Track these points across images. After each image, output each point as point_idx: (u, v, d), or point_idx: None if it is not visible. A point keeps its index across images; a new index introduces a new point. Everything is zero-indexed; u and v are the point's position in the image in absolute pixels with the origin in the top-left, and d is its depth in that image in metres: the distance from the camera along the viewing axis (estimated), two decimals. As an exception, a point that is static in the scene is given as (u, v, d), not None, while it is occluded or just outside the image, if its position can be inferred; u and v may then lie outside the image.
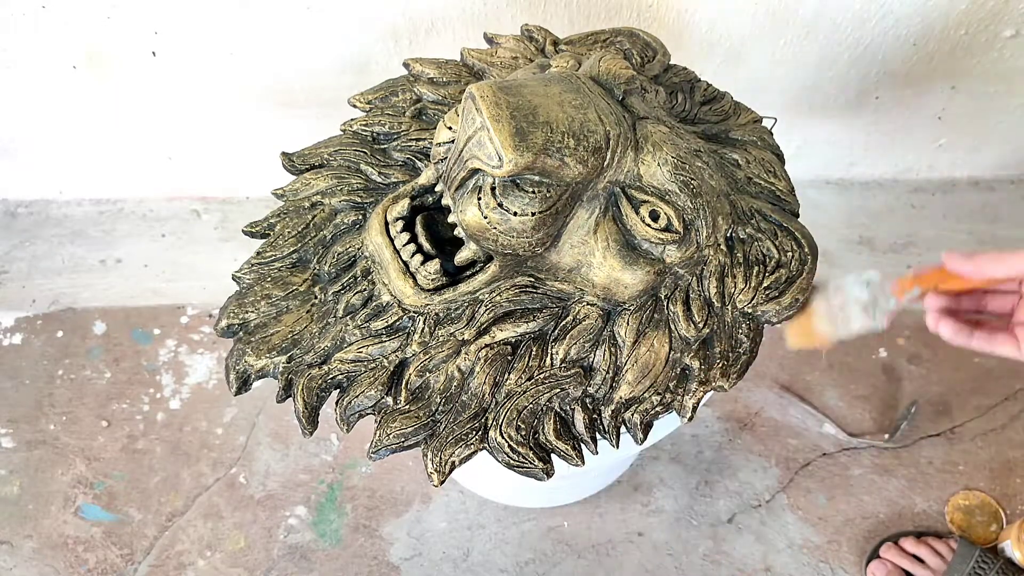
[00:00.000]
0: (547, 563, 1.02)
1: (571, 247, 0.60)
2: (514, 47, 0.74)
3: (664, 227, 0.59)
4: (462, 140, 0.54)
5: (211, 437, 1.11)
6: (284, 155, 0.71)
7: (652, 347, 0.62)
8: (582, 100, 0.56)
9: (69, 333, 1.19)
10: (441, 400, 0.63)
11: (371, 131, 0.71)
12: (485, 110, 0.52)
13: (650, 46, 0.74)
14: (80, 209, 1.30)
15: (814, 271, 0.65)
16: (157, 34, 1.01)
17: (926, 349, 1.16)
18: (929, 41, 1.05)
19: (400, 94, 0.72)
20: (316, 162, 0.70)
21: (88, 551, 1.03)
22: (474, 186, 0.55)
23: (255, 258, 0.67)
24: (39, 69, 1.06)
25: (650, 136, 0.59)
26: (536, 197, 0.55)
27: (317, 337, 0.64)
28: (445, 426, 0.62)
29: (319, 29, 0.99)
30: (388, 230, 0.62)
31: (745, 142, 0.70)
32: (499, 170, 0.52)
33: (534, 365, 0.62)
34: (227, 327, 0.65)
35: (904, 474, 1.08)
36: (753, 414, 1.13)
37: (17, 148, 1.20)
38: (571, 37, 0.74)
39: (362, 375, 0.63)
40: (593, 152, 0.55)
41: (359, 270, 0.64)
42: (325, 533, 1.04)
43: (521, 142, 0.52)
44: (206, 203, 1.29)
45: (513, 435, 0.62)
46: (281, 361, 0.64)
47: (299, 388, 0.63)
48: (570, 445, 0.63)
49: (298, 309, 0.65)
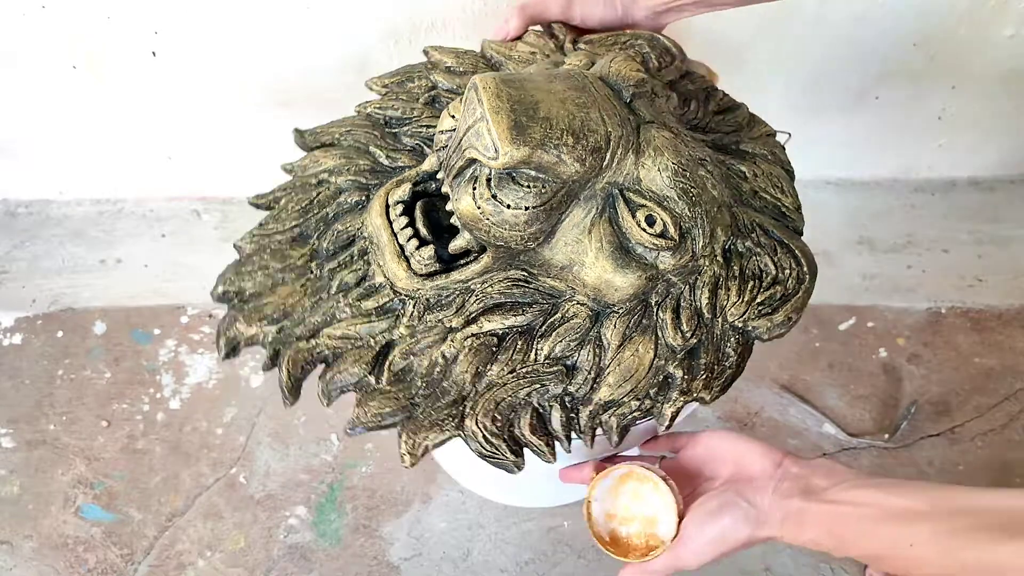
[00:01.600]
0: (547, 563, 1.02)
1: (565, 245, 0.60)
2: (534, 42, 0.74)
3: (660, 233, 0.59)
4: (462, 129, 0.54)
5: (211, 437, 1.11)
6: (297, 131, 0.72)
7: (637, 352, 0.62)
8: (586, 99, 0.56)
9: (69, 333, 1.19)
10: (422, 384, 0.63)
11: (384, 115, 0.71)
12: (486, 101, 0.52)
13: (669, 51, 0.73)
14: (80, 209, 1.30)
15: (811, 291, 0.64)
16: (157, 34, 1.01)
17: (926, 349, 1.16)
18: (929, 41, 1.05)
19: (416, 80, 0.73)
20: (327, 140, 0.72)
21: (88, 551, 1.03)
22: (471, 176, 0.56)
23: (257, 229, 0.68)
24: (39, 69, 1.06)
25: (652, 140, 0.59)
26: (531, 192, 0.55)
27: (308, 311, 0.65)
28: (423, 410, 0.63)
29: (319, 29, 0.99)
30: (388, 213, 0.63)
31: (755, 155, 0.69)
32: (494, 162, 0.53)
33: (518, 359, 0.63)
34: (223, 293, 0.67)
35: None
36: (753, 414, 1.12)
37: (17, 148, 1.20)
38: (591, 36, 0.74)
39: (348, 352, 0.64)
40: (592, 151, 0.55)
41: (356, 249, 0.65)
42: (325, 533, 1.04)
43: (518, 135, 0.52)
44: (206, 203, 1.29)
45: (488, 425, 0.62)
46: (271, 331, 0.65)
47: (285, 359, 0.64)
48: (544, 441, 0.63)
49: (293, 282, 0.66)
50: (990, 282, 1.23)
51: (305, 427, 1.11)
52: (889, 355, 1.17)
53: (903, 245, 1.26)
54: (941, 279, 1.23)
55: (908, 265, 1.24)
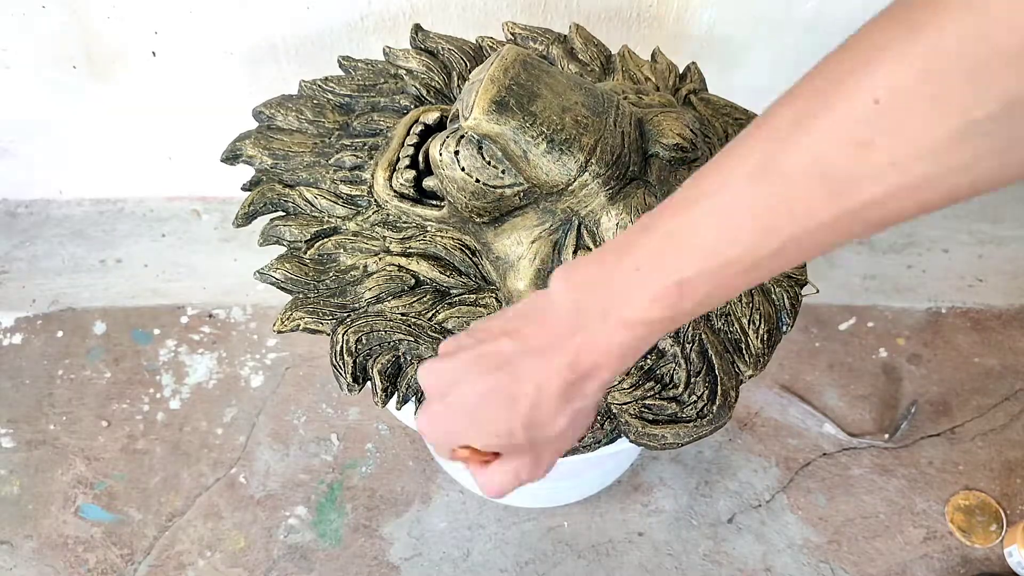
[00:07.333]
0: (547, 563, 1.02)
1: (508, 238, 0.60)
2: (663, 70, 0.75)
3: None
4: (472, 79, 0.55)
5: (211, 437, 1.11)
6: (417, 26, 0.77)
7: None
8: (593, 123, 0.55)
9: (69, 333, 1.19)
10: (334, 276, 0.67)
11: None
12: (493, 68, 0.53)
13: None
14: (80, 209, 1.30)
15: (703, 435, 0.61)
16: (157, 34, 1.01)
17: (926, 349, 1.16)
18: (929, 41, 1.05)
19: (538, 44, 0.76)
20: (432, 47, 0.76)
21: (88, 551, 1.03)
22: (456, 125, 0.57)
23: (322, 80, 0.74)
24: (39, 69, 1.06)
25: (631, 197, 0.57)
26: (488, 169, 0.56)
27: (302, 166, 0.70)
28: (318, 296, 0.67)
29: (319, 29, 0.99)
30: (411, 129, 0.66)
31: (760, 286, 0.64)
32: (463, 121, 0.54)
33: (416, 308, 0.64)
34: (259, 112, 0.74)
35: (904, 474, 1.08)
36: (753, 414, 1.12)
37: (17, 148, 1.20)
38: (714, 100, 0.72)
39: (303, 215, 0.69)
40: (557, 170, 0.55)
41: (372, 143, 0.69)
42: (325, 533, 1.04)
43: (494, 111, 0.53)
44: (206, 203, 1.28)
45: (351, 341, 0.64)
46: (267, 162, 0.71)
47: (259, 190, 0.70)
48: (383, 387, 0.65)
49: (310, 137, 0.71)
50: (990, 282, 1.23)
51: (305, 427, 1.11)
52: (889, 355, 1.17)
53: (903, 245, 1.26)
54: (941, 279, 1.23)
55: (908, 265, 1.24)
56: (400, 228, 0.66)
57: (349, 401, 1.13)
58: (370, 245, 0.66)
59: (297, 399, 1.13)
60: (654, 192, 0.58)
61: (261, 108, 0.73)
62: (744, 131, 0.37)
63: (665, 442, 0.61)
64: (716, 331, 0.63)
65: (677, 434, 0.61)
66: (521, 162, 0.55)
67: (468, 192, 0.57)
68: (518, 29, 0.77)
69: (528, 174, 0.55)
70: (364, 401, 1.12)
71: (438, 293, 0.65)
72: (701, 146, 0.62)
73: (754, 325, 0.63)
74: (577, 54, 0.76)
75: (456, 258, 0.64)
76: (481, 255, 0.64)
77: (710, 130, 0.67)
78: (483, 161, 0.56)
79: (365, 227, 0.67)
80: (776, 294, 0.65)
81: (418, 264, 0.64)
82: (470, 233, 0.63)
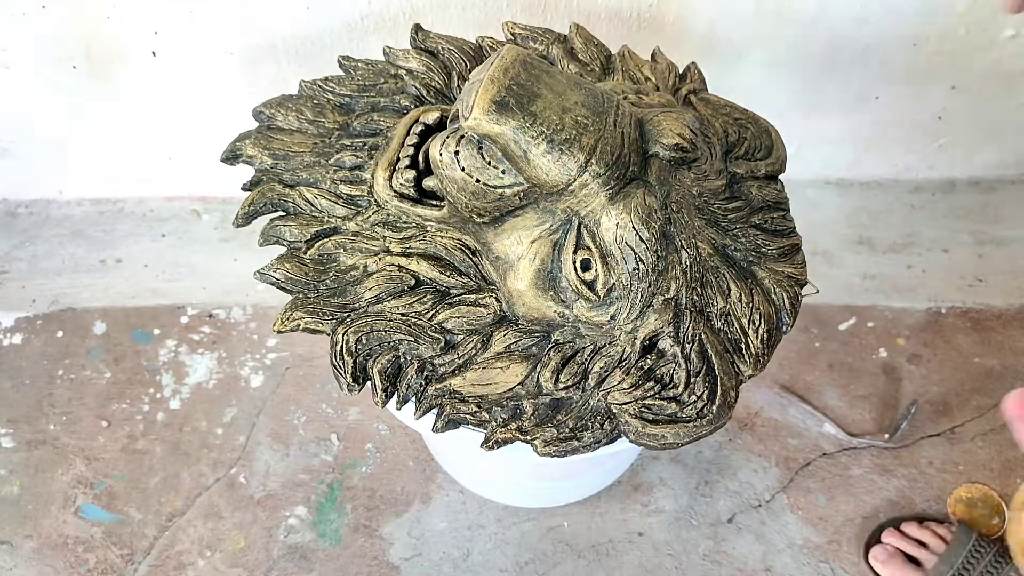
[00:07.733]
0: (547, 563, 1.02)
1: (508, 238, 0.60)
2: (663, 70, 0.74)
3: (588, 282, 0.58)
4: (472, 79, 0.55)
5: (211, 437, 1.11)
6: (417, 26, 0.76)
7: (507, 368, 0.63)
8: (593, 123, 0.54)
9: (69, 333, 1.19)
10: (334, 276, 0.67)
11: None
12: (493, 67, 0.53)
13: (768, 145, 0.69)
14: (80, 209, 1.30)
15: (703, 434, 0.61)
16: (157, 34, 1.01)
17: (926, 349, 1.16)
18: (929, 41, 1.05)
19: (538, 44, 0.76)
20: (432, 47, 0.75)
21: (88, 551, 1.03)
22: (456, 125, 0.57)
23: (322, 80, 0.74)
24: (39, 69, 1.06)
25: (631, 197, 0.56)
26: (487, 169, 0.56)
27: (302, 166, 0.70)
28: (318, 296, 0.66)
29: (319, 29, 0.99)
30: (411, 129, 0.66)
31: (758, 286, 0.64)
32: (463, 121, 0.54)
33: (417, 308, 0.64)
34: (259, 112, 0.73)
35: (904, 474, 1.08)
36: (753, 414, 1.13)
37: (17, 148, 1.20)
38: (713, 99, 0.71)
39: (303, 215, 0.69)
40: (557, 170, 0.55)
41: (372, 143, 0.69)
42: (325, 533, 1.04)
43: (495, 112, 0.52)
44: (206, 203, 1.29)
45: (351, 341, 0.64)
46: (267, 162, 0.70)
47: (260, 190, 0.70)
48: (383, 387, 0.64)
49: (310, 137, 0.71)
50: (990, 282, 1.23)
51: (305, 427, 1.11)
52: (889, 355, 1.17)
53: (903, 245, 1.26)
54: (941, 279, 1.23)
55: (908, 265, 1.24)
56: (400, 228, 0.66)
57: (349, 401, 1.13)
58: (370, 245, 0.66)
59: (297, 399, 1.13)
60: (654, 192, 0.58)
61: (261, 108, 0.73)
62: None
63: (665, 442, 0.61)
64: (716, 331, 0.63)
65: (677, 434, 0.61)
66: (521, 162, 0.55)
67: (468, 192, 0.57)
68: (518, 29, 0.76)
69: (528, 174, 0.55)
70: (364, 401, 1.12)
71: (438, 293, 0.65)
72: (701, 146, 0.61)
73: (754, 325, 0.63)
74: (577, 54, 0.76)
75: (456, 258, 0.64)
76: (481, 255, 0.64)
77: (710, 130, 0.67)
78: (483, 161, 0.56)
79: (365, 227, 0.67)
80: (776, 294, 0.65)
81: (418, 264, 0.64)
82: (470, 233, 0.63)
